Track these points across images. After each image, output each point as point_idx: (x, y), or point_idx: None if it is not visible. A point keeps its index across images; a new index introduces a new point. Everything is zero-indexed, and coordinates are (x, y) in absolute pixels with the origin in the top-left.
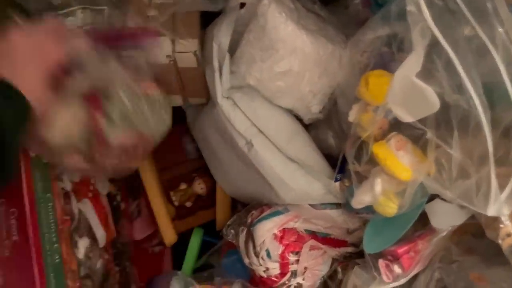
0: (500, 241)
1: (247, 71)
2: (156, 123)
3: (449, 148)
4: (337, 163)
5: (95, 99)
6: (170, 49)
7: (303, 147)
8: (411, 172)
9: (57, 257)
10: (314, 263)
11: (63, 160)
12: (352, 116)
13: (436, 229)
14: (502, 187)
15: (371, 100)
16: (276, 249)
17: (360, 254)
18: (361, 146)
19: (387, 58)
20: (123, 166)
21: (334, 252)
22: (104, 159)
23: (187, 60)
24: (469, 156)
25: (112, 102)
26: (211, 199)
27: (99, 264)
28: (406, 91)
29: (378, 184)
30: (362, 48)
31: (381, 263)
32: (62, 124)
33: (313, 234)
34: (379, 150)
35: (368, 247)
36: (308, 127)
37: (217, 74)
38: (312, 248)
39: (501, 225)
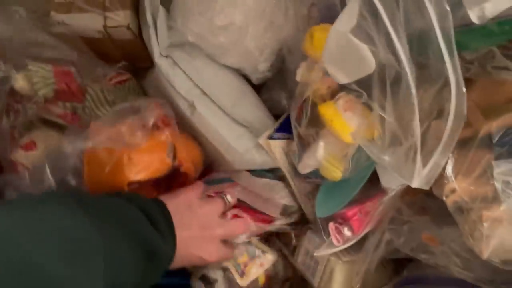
0: (444, 198)
1: (184, 25)
2: None
3: (383, 112)
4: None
5: None
6: (101, 24)
7: (251, 109)
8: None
9: None
10: None
11: None
12: (299, 75)
13: (386, 189)
14: (426, 159)
15: (317, 56)
16: None
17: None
18: (307, 109)
19: (334, 12)
20: None
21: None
22: None
23: (122, 34)
24: (400, 122)
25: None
26: None
27: None
28: (341, 50)
29: (321, 148)
30: (309, 1)
31: (331, 226)
32: None
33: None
34: (326, 111)
35: (319, 211)
36: (262, 89)
37: (152, 31)
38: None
39: (445, 181)
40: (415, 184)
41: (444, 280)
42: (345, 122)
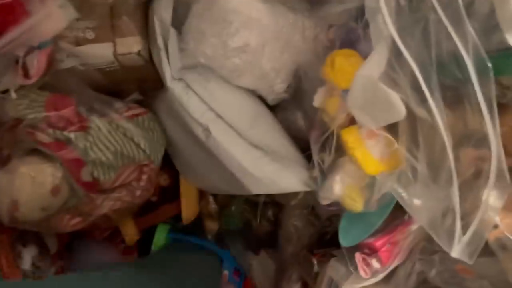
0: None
1: (196, 48)
2: (151, 145)
3: (416, 161)
4: (308, 147)
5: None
6: (111, 52)
7: (268, 132)
8: (379, 166)
9: None
10: None
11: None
12: (317, 101)
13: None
14: (465, 226)
15: (337, 83)
16: None
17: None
18: (328, 136)
19: (355, 36)
20: (134, 203)
21: None
22: (102, 207)
23: (133, 60)
24: (434, 175)
25: (92, 145)
26: (177, 191)
27: (51, 272)
28: (368, 95)
29: (337, 183)
30: (328, 22)
31: (358, 257)
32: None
33: None
34: (349, 137)
35: (344, 240)
36: (276, 108)
37: (163, 54)
38: None
39: (487, 214)
40: (455, 253)
41: None
42: (368, 151)
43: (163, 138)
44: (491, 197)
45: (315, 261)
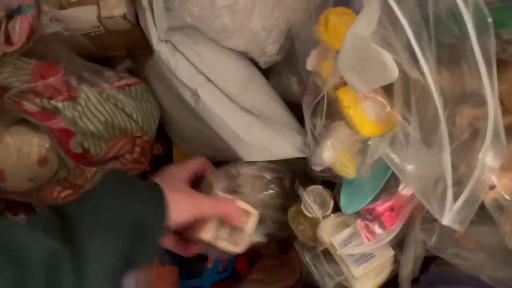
0: None
1: (183, 7)
2: (144, 116)
3: (408, 125)
4: (302, 113)
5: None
6: (95, 15)
7: (260, 96)
8: (374, 127)
9: None
10: None
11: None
12: (310, 64)
13: None
14: (457, 194)
15: (331, 43)
16: None
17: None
18: (319, 100)
19: None
20: None
21: None
22: (94, 180)
23: (118, 24)
24: (427, 140)
25: (81, 115)
26: (170, 160)
27: None
28: (359, 55)
29: (328, 149)
30: None
31: (360, 223)
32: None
33: None
34: (344, 96)
35: (345, 208)
36: (270, 73)
37: (148, 14)
38: None
39: (483, 177)
40: (446, 221)
41: (475, 279)
42: (363, 111)
43: (157, 109)
44: (487, 157)
45: None
